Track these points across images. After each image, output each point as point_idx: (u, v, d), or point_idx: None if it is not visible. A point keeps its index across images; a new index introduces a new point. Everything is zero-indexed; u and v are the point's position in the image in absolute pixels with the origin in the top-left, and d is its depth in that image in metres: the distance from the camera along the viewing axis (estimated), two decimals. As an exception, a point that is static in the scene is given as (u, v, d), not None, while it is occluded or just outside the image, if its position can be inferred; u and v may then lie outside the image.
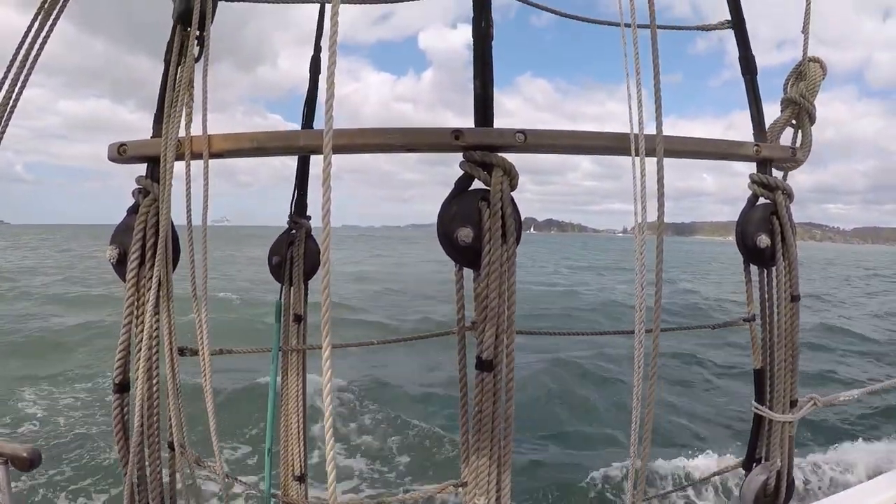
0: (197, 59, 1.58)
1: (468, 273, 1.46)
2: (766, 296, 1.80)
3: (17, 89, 1.69)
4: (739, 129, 1.91)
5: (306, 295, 2.45)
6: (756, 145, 1.70)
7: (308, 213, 2.53)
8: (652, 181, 1.42)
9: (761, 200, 1.77)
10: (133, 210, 1.59)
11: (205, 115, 1.54)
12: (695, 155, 1.60)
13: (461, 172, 1.45)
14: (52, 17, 1.72)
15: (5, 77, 1.68)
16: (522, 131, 1.40)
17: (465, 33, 1.86)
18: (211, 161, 1.54)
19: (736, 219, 1.88)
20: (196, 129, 1.55)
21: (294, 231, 2.49)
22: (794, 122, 1.84)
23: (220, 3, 1.67)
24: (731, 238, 1.87)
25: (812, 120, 1.83)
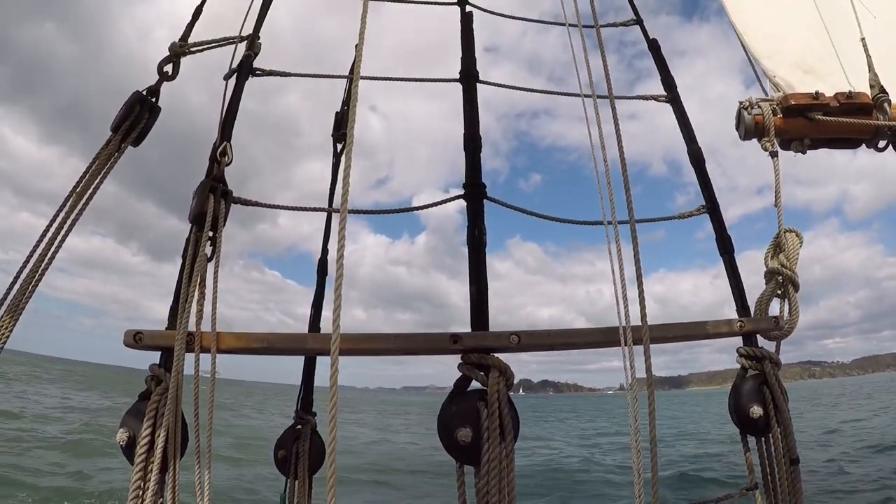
0: (210, 259, 1.69)
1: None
2: (766, 463, 1.82)
3: (62, 233, 1.74)
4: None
5: (310, 490, 2.45)
6: (739, 321, 1.78)
7: (314, 410, 2.59)
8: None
9: (750, 372, 1.83)
10: (145, 396, 1.65)
11: (214, 313, 1.63)
12: (680, 339, 1.68)
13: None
14: (104, 171, 1.82)
15: (50, 224, 1.74)
16: (517, 333, 1.50)
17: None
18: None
19: (730, 366, 1.93)
20: (208, 323, 1.64)
21: (300, 427, 2.53)
22: (779, 292, 1.91)
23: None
24: (724, 386, 1.91)
25: (796, 288, 1.88)
